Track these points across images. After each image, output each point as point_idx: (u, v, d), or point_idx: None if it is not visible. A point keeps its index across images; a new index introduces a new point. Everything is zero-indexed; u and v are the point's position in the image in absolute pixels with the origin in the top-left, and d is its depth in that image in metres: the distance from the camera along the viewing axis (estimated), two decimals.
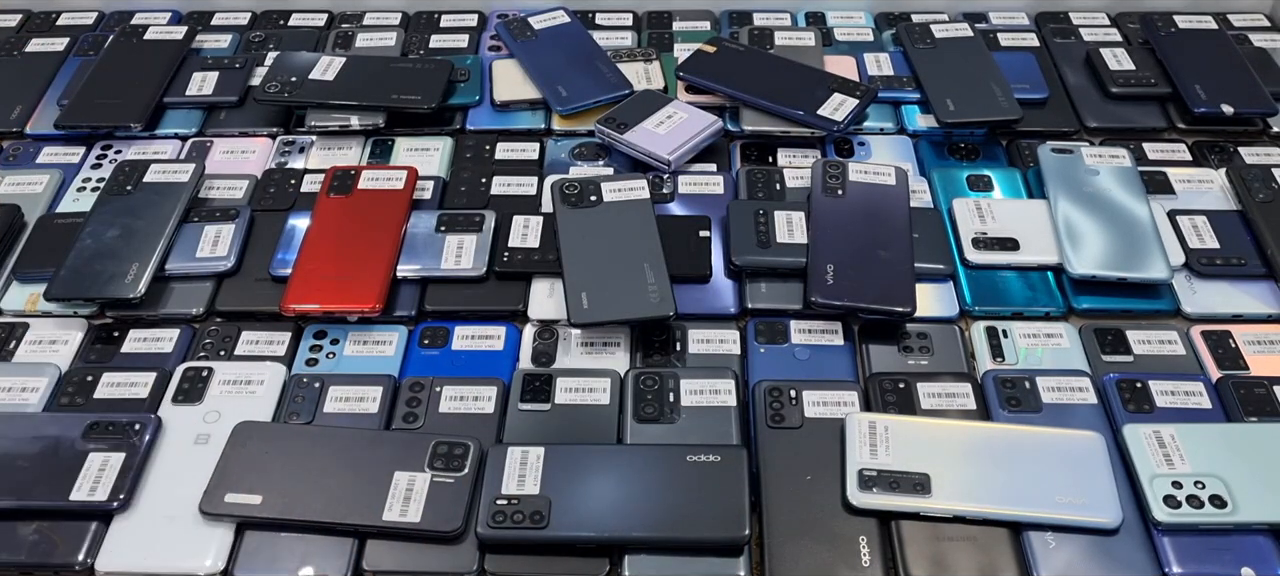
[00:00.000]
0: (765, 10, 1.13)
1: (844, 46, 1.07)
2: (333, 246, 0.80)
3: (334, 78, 0.96)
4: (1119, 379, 0.72)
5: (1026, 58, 1.03)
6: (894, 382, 0.72)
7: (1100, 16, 1.12)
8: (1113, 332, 0.77)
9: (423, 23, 1.12)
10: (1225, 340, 0.76)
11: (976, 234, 0.83)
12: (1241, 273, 0.81)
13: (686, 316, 0.78)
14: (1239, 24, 1.11)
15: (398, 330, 0.78)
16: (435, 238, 0.82)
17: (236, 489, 0.65)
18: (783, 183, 0.89)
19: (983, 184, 0.90)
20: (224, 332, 0.77)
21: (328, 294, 0.77)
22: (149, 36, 1.04)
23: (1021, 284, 0.81)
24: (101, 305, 0.79)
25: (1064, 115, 0.98)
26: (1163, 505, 0.64)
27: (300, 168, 0.92)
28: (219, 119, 0.98)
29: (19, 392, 0.73)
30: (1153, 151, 0.94)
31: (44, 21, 1.12)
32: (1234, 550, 0.63)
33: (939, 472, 0.65)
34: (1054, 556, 0.62)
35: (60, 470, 0.66)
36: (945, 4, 1.13)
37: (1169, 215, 0.85)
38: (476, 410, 0.71)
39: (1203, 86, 0.96)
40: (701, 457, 0.65)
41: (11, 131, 0.97)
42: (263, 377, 0.73)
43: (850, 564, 0.62)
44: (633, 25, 1.11)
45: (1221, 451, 0.66)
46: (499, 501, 0.64)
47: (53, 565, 0.63)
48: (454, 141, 0.95)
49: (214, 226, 0.83)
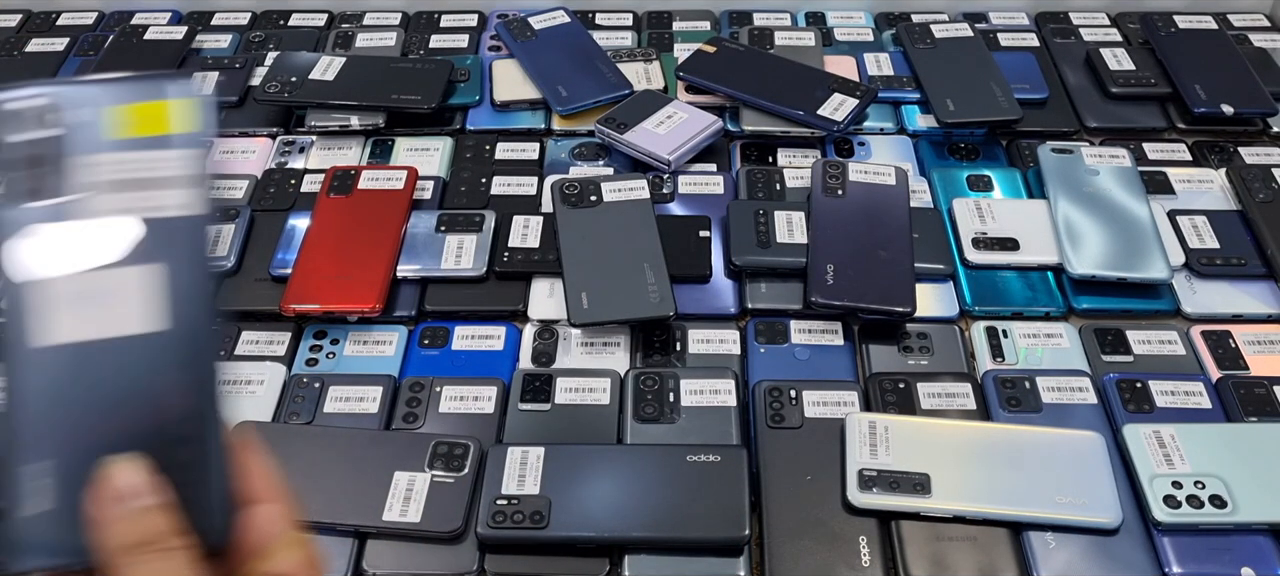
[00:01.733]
0: (765, 10, 1.13)
1: (844, 46, 1.07)
2: (333, 246, 0.80)
3: (334, 78, 0.96)
4: (1119, 379, 0.72)
5: (1026, 58, 1.03)
6: (894, 382, 0.72)
7: (1100, 16, 1.12)
8: (1113, 332, 0.77)
9: (423, 23, 1.12)
10: (1225, 340, 0.76)
11: (976, 234, 0.83)
12: (1241, 273, 0.81)
13: (686, 316, 0.78)
14: (1239, 24, 1.11)
15: (398, 330, 0.78)
16: (435, 237, 0.82)
17: None
18: (783, 183, 0.89)
19: (983, 184, 0.90)
20: (223, 332, 0.77)
21: (328, 294, 0.77)
22: (149, 37, 1.04)
23: (1021, 284, 0.81)
24: None
25: (1064, 115, 0.98)
26: (1163, 505, 0.64)
27: (300, 168, 0.92)
28: (219, 119, 0.98)
29: None
30: (1153, 151, 0.94)
31: (44, 22, 1.12)
32: (1234, 550, 0.63)
33: (939, 472, 0.65)
34: (1054, 556, 0.62)
35: None
36: (945, 4, 1.13)
37: (1169, 215, 0.85)
38: (476, 410, 0.71)
39: (1203, 86, 0.96)
40: (701, 457, 0.65)
41: None
42: (262, 377, 0.73)
43: (850, 564, 0.62)
44: (633, 25, 1.11)
45: (1221, 451, 0.66)
46: (499, 501, 0.64)
47: None
48: (454, 141, 0.95)
49: (214, 226, 0.83)
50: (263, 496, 0.34)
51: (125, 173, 0.34)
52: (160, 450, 0.33)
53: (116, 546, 0.32)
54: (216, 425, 0.34)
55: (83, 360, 0.33)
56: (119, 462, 0.33)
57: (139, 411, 0.33)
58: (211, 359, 0.34)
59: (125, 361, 0.33)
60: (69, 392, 0.33)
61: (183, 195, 0.34)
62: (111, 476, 0.32)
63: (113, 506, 0.32)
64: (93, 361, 0.33)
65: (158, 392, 0.33)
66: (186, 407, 0.33)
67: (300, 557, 0.34)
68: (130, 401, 0.33)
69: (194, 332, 0.34)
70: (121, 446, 0.33)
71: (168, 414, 0.33)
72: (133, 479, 0.32)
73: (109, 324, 0.33)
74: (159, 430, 0.33)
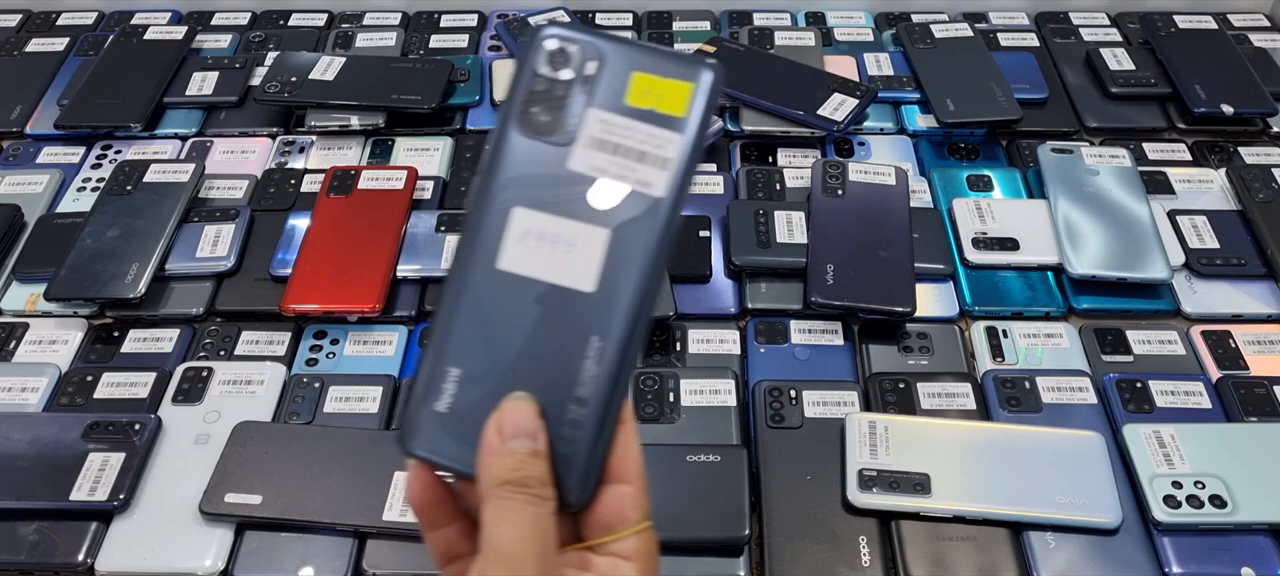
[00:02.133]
0: (765, 10, 1.13)
1: (844, 46, 1.07)
2: (333, 246, 0.80)
3: (334, 78, 0.96)
4: (1119, 379, 0.72)
5: (1026, 58, 1.03)
6: (894, 382, 0.72)
7: (1100, 16, 1.12)
8: (1113, 332, 0.77)
9: (423, 23, 1.12)
10: (1225, 340, 0.76)
11: (976, 234, 0.83)
12: (1241, 272, 0.81)
13: (686, 316, 0.78)
14: (1239, 24, 1.10)
15: (398, 330, 0.77)
16: (435, 238, 0.82)
17: (236, 489, 0.65)
18: (783, 183, 0.89)
19: (983, 184, 0.90)
20: (224, 332, 0.77)
21: (328, 294, 0.77)
22: (149, 36, 1.04)
23: (1021, 284, 0.81)
24: (101, 305, 0.79)
25: (1064, 115, 0.98)
26: (1163, 505, 0.64)
27: (300, 168, 0.92)
28: (219, 119, 0.98)
29: (19, 392, 0.73)
30: (1153, 151, 0.94)
31: (44, 21, 1.12)
32: (1234, 550, 0.63)
33: (939, 472, 0.65)
34: (1054, 556, 0.62)
35: (60, 470, 0.66)
36: (945, 4, 1.13)
37: (1169, 215, 0.85)
38: None
39: (1203, 86, 0.96)
40: (701, 457, 0.65)
41: (11, 131, 0.97)
42: (263, 377, 0.73)
43: (850, 564, 0.62)
44: (632, 25, 1.11)
45: (1221, 451, 0.66)
46: None
47: (53, 565, 0.63)
48: (454, 141, 0.95)
49: (214, 226, 0.83)
50: (624, 477, 0.35)
51: (626, 139, 0.35)
52: (556, 401, 0.35)
53: (495, 477, 0.33)
54: (619, 400, 0.35)
55: (525, 295, 0.35)
56: (519, 399, 0.34)
57: (552, 360, 0.35)
58: (635, 338, 0.35)
59: (557, 310, 0.35)
60: (504, 319, 0.35)
61: (661, 176, 0.35)
62: (509, 410, 0.34)
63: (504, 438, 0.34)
64: (532, 299, 0.35)
65: (573, 350, 0.35)
66: (596, 374, 0.35)
67: (644, 547, 0.35)
68: (548, 348, 0.35)
69: (626, 307, 0.35)
70: (524, 385, 0.35)
71: (576, 373, 0.35)
72: (526, 420, 0.34)
73: (557, 271, 0.35)
74: (562, 384, 0.35)
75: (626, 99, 0.35)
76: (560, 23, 0.37)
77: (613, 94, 0.35)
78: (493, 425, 0.34)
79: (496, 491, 0.33)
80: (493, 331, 0.35)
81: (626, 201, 0.35)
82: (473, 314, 0.35)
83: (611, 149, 0.35)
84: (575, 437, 0.35)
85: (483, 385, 0.35)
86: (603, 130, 0.35)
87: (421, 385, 0.35)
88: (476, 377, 0.35)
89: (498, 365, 0.35)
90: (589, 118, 0.35)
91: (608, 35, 0.36)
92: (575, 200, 0.35)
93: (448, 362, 0.35)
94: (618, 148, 0.35)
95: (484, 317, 0.35)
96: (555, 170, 0.35)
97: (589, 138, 0.35)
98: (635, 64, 0.35)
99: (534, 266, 0.35)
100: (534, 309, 0.35)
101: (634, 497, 0.35)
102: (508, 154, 0.35)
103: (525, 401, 0.34)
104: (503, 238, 0.35)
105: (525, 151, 0.35)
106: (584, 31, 0.36)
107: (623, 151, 0.35)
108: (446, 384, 0.35)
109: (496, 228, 0.35)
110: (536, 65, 0.36)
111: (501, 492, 0.33)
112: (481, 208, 0.35)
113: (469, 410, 0.35)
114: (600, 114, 0.35)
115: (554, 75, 0.36)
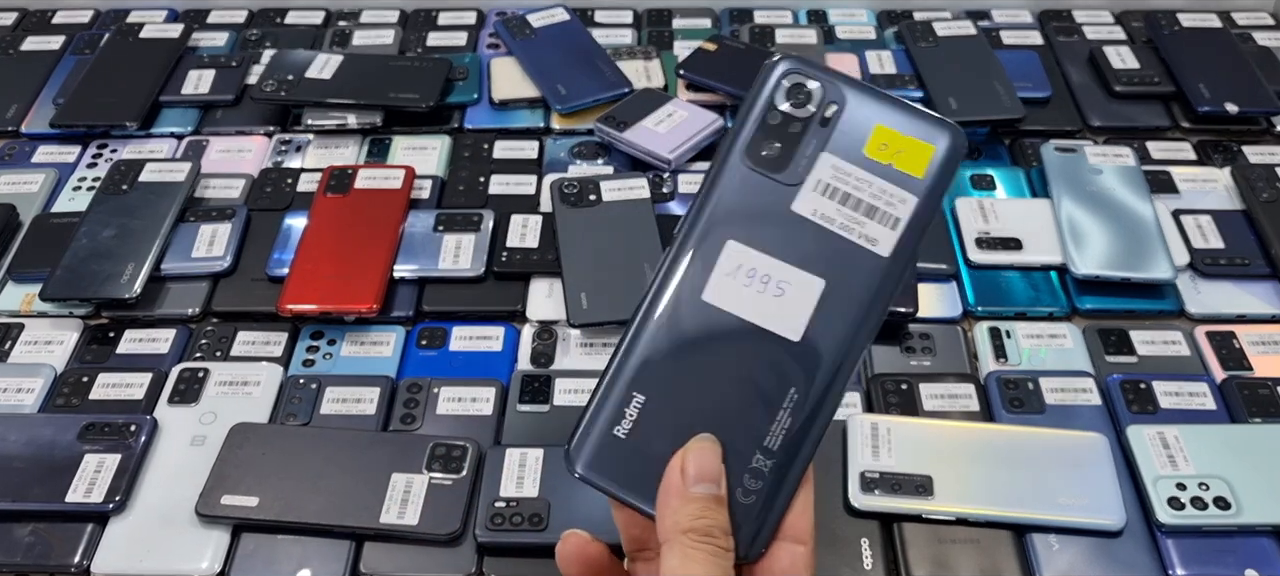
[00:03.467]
0: (766, 7, 1.12)
1: (846, 44, 1.07)
2: (330, 246, 0.80)
3: (331, 76, 0.96)
4: (1123, 380, 0.72)
5: (1030, 56, 1.03)
6: (896, 383, 0.72)
7: (1104, 14, 1.11)
8: (1116, 333, 0.76)
9: (420, 20, 1.11)
10: (1229, 341, 0.76)
11: (979, 233, 0.83)
12: (1246, 273, 0.81)
13: None
14: (1243, 22, 1.10)
15: (395, 330, 0.77)
16: (433, 237, 0.82)
17: (233, 491, 0.64)
18: None
19: (986, 183, 0.89)
20: (220, 333, 0.77)
21: (325, 294, 0.76)
22: (145, 34, 1.04)
23: (1025, 284, 0.80)
24: (97, 305, 0.79)
25: (1067, 114, 0.97)
26: (1167, 507, 0.63)
27: (297, 167, 0.91)
28: (215, 118, 0.97)
29: (14, 393, 0.72)
30: (1157, 150, 0.94)
31: (39, 20, 1.11)
32: (1238, 552, 0.63)
33: (941, 474, 0.64)
34: (1057, 558, 0.62)
35: (56, 471, 0.65)
36: (948, 1, 1.13)
37: (1173, 215, 0.85)
38: (475, 411, 0.71)
39: (1207, 85, 0.96)
40: None
41: (6, 130, 0.96)
42: (259, 378, 0.73)
43: (852, 566, 0.62)
44: (632, 23, 1.10)
45: (1225, 453, 0.66)
46: (497, 503, 0.63)
47: (49, 567, 0.62)
48: (452, 140, 0.94)
49: (210, 226, 0.83)
50: (798, 536, 0.34)
51: (859, 191, 0.34)
52: (743, 449, 0.33)
53: (680, 524, 0.32)
54: (808, 457, 0.34)
55: (726, 332, 0.34)
56: (706, 441, 0.33)
57: (745, 405, 0.34)
58: (833, 397, 0.34)
59: (757, 354, 0.34)
60: (700, 353, 0.34)
61: (889, 236, 0.34)
62: (694, 450, 0.33)
63: (686, 481, 0.32)
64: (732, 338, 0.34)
65: (769, 399, 0.33)
66: (789, 427, 0.33)
67: None
68: (742, 392, 0.34)
69: (831, 363, 0.33)
70: (711, 425, 0.33)
71: (769, 423, 0.33)
72: (710, 464, 0.33)
73: (764, 313, 0.34)
74: (751, 431, 0.33)
75: (865, 150, 0.34)
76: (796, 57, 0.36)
77: (851, 142, 0.34)
78: (676, 464, 0.33)
79: (681, 538, 0.32)
80: (686, 364, 0.34)
81: (848, 255, 0.34)
82: (668, 342, 0.34)
83: (841, 198, 0.34)
84: (755, 489, 0.33)
85: (668, 418, 0.34)
86: (835, 177, 0.34)
87: (603, 405, 0.34)
88: (662, 409, 0.34)
89: (686, 400, 0.34)
90: (821, 162, 0.34)
91: (849, 79, 0.35)
92: (794, 244, 0.34)
93: (635, 387, 0.34)
94: (848, 198, 0.34)
95: (679, 348, 0.34)
96: (777, 209, 0.34)
97: (819, 182, 0.34)
98: (879, 115, 0.34)
99: (740, 304, 0.34)
100: (733, 348, 0.33)
101: (807, 559, 0.34)
102: (729, 183, 0.34)
103: (712, 443, 0.33)
104: (712, 269, 0.34)
105: (748, 184, 0.34)
106: (823, 70, 0.35)
107: (852, 203, 0.34)
108: (629, 409, 0.34)
109: (707, 257, 0.34)
110: (774, 98, 0.35)
111: (686, 541, 0.32)
112: (694, 233, 0.34)
113: (649, 441, 0.33)
114: (834, 160, 0.34)
115: (791, 111, 0.34)
